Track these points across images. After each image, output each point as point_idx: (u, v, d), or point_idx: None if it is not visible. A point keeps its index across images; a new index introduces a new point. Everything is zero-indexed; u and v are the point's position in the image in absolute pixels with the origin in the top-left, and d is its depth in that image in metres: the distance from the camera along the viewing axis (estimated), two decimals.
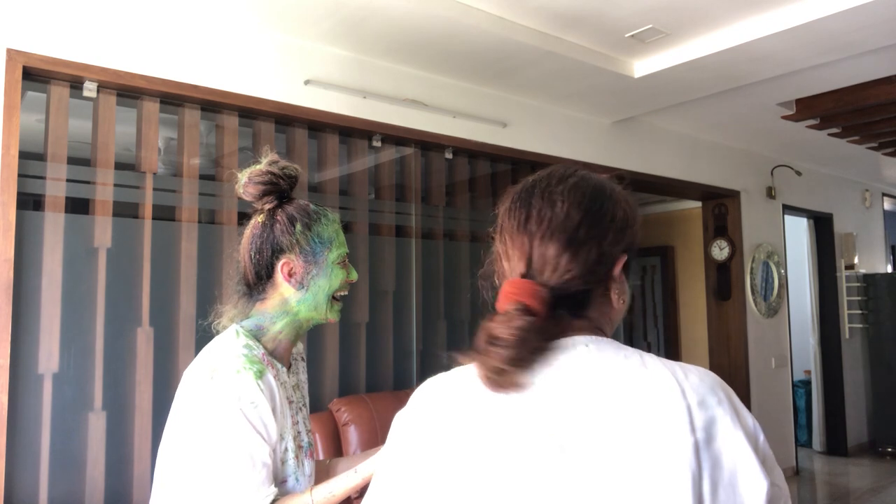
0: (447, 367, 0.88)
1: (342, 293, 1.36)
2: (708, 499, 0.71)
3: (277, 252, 1.30)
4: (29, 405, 2.22)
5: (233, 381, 1.17)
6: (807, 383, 6.35)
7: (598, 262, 0.82)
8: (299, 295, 1.31)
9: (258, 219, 1.33)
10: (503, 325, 0.77)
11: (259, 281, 1.32)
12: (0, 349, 2.11)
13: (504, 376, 0.76)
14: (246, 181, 1.31)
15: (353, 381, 3.05)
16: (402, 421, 0.86)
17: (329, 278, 1.32)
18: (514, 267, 0.84)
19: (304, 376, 1.44)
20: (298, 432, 1.30)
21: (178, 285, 2.56)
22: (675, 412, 0.73)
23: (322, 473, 1.43)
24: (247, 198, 1.33)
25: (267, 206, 1.32)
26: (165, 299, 2.53)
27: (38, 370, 2.24)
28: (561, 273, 0.81)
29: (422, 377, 3.92)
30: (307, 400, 1.42)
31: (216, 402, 1.16)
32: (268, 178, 1.30)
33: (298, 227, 1.31)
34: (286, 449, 1.24)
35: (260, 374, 1.20)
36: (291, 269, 1.30)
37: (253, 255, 1.31)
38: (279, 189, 1.32)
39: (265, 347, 1.28)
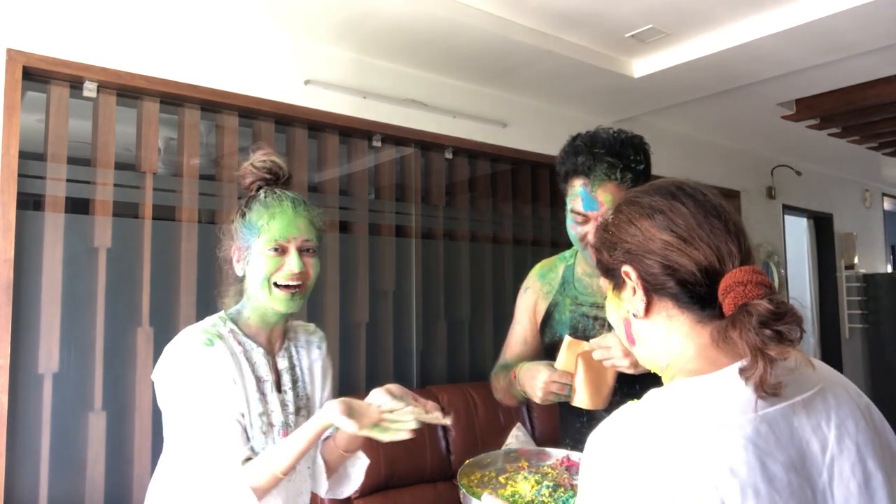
0: (449, 366, 0.85)
1: (288, 282, 1.33)
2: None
3: (229, 239, 1.39)
4: (29, 405, 2.22)
5: (181, 347, 1.29)
6: None
7: None
8: (246, 281, 1.37)
9: None
10: (792, 317, 0.72)
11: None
12: (0, 349, 2.12)
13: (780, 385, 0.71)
14: (241, 173, 1.40)
15: (353, 380, 3.05)
16: (630, 459, 0.70)
17: (258, 265, 1.33)
18: (732, 256, 0.78)
19: (306, 361, 1.47)
20: (270, 411, 1.34)
21: (178, 285, 2.56)
22: (862, 401, 0.81)
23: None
24: (242, 188, 1.41)
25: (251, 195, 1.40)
26: (165, 299, 2.53)
27: (38, 370, 2.24)
28: None
29: (422, 377, 3.89)
30: (306, 384, 1.46)
31: (171, 365, 1.28)
32: (248, 169, 1.38)
33: (238, 214, 1.38)
34: (250, 425, 1.30)
35: (209, 342, 1.28)
36: (233, 255, 1.38)
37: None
38: (260, 178, 1.38)
39: (240, 329, 1.36)
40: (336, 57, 2.98)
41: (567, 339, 1.43)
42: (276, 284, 1.32)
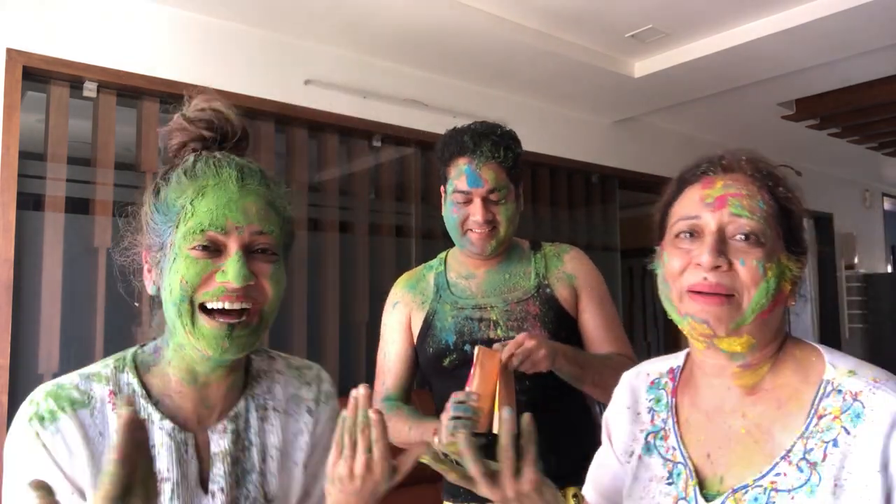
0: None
1: (223, 303, 0.79)
2: None
3: (134, 233, 0.91)
4: None
5: (14, 426, 0.80)
6: None
7: None
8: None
9: None
10: None
11: None
12: (0, 349, 2.12)
13: None
14: (167, 129, 0.92)
15: (353, 381, 3.04)
16: None
17: (174, 275, 0.80)
18: None
19: (276, 437, 0.90)
20: None
21: None
22: None
23: None
24: (169, 154, 0.91)
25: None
26: None
27: (38, 370, 2.24)
28: None
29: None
30: (270, 474, 0.89)
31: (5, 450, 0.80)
32: (177, 124, 0.90)
33: (150, 192, 0.86)
34: None
35: (41, 420, 0.78)
36: (143, 260, 0.89)
37: None
38: (196, 137, 0.88)
39: (145, 382, 0.85)
40: (336, 57, 2.98)
41: (478, 349, 1.23)
42: (203, 308, 0.80)
